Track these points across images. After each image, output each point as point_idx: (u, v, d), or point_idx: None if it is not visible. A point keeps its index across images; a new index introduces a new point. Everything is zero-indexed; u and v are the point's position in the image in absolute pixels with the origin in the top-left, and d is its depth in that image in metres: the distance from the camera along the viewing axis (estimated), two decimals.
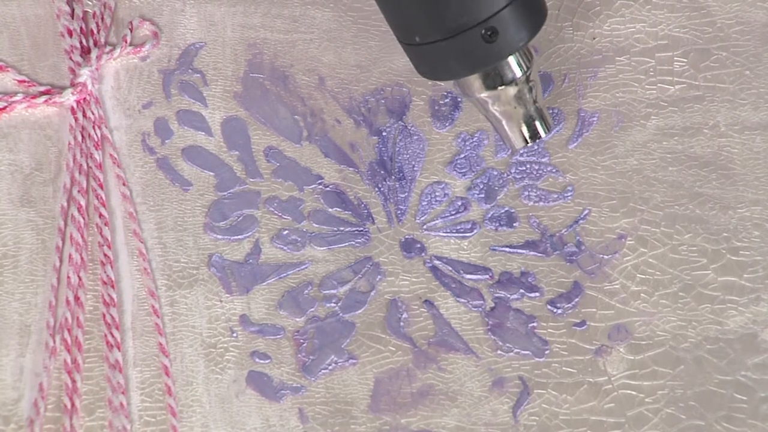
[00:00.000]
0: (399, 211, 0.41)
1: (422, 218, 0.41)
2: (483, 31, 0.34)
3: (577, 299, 0.39)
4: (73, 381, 0.38)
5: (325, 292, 0.40)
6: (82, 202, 0.41)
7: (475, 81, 0.36)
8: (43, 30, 0.45)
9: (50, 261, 0.40)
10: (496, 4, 0.34)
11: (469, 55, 0.35)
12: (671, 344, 0.38)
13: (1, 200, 0.41)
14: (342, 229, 0.41)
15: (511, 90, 0.36)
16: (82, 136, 0.42)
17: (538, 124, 0.38)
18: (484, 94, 0.37)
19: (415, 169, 0.41)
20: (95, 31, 0.45)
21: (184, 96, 0.43)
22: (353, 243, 0.40)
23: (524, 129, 0.38)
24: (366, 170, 0.42)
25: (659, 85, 0.43)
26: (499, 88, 0.36)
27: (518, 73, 0.36)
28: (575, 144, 0.42)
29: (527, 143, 0.38)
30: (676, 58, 0.43)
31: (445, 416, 0.37)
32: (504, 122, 0.38)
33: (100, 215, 0.41)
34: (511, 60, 0.36)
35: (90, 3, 0.45)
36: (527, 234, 0.40)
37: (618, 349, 0.38)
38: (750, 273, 0.39)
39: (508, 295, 0.39)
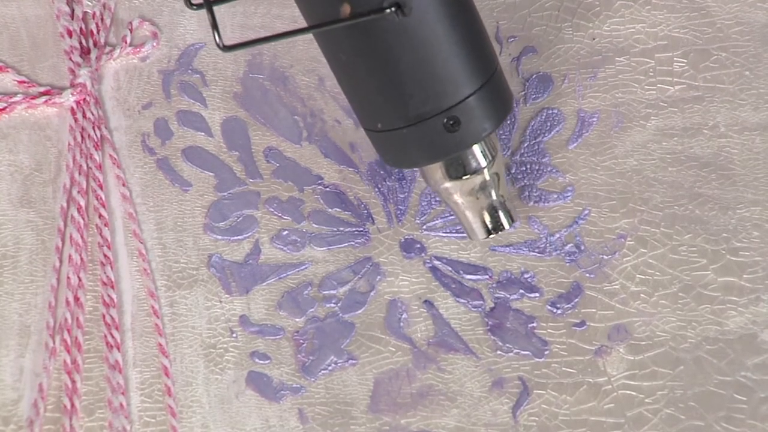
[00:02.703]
0: (399, 212, 0.41)
1: (422, 218, 0.41)
2: (445, 120, 0.33)
3: (576, 299, 0.39)
4: (73, 381, 0.38)
5: (324, 292, 0.40)
6: (82, 203, 0.41)
7: (437, 170, 0.35)
8: (42, 31, 0.45)
9: (50, 261, 0.40)
10: (460, 93, 0.33)
11: (431, 144, 0.34)
12: (671, 345, 0.38)
13: (0, 201, 0.41)
14: (342, 229, 0.41)
15: (475, 180, 0.35)
16: (82, 136, 0.42)
17: (501, 215, 0.37)
18: (447, 184, 0.36)
19: (414, 169, 0.41)
20: (95, 32, 0.45)
21: (184, 96, 0.43)
22: (353, 243, 0.40)
23: (487, 220, 0.37)
24: (366, 170, 0.42)
25: (659, 85, 0.43)
26: (463, 177, 0.35)
27: (483, 163, 0.35)
28: (575, 144, 0.42)
29: (489, 235, 0.37)
30: (675, 59, 0.43)
31: (445, 416, 0.37)
32: (467, 212, 0.37)
33: (100, 216, 0.41)
34: (476, 149, 0.35)
35: (90, 4, 0.45)
36: (527, 234, 0.40)
37: (618, 349, 0.38)
38: (750, 273, 0.39)
39: (508, 296, 0.39)
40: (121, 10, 0.46)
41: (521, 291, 0.39)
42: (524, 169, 0.41)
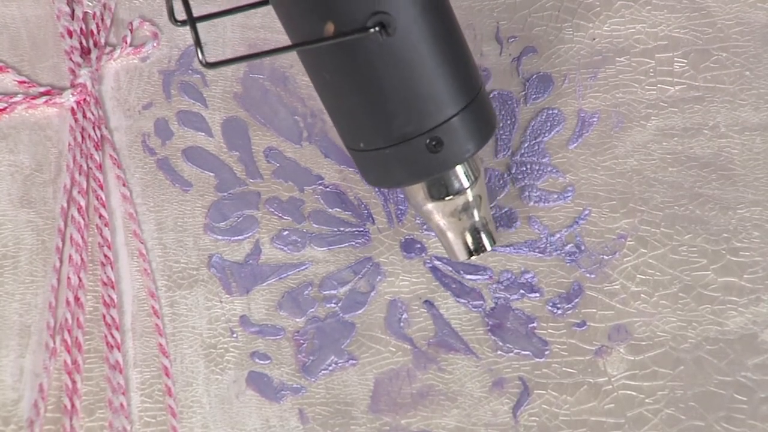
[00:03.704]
0: (399, 212, 0.41)
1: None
2: (427, 141, 0.33)
3: (577, 300, 0.39)
4: (73, 382, 0.38)
5: (325, 292, 0.40)
6: (82, 203, 0.41)
7: (419, 191, 0.35)
8: (43, 31, 0.45)
9: (50, 262, 0.40)
10: (443, 114, 0.33)
11: (413, 164, 0.34)
12: (671, 345, 0.38)
13: (1, 201, 0.41)
14: (342, 229, 0.41)
15: (458, 201, 0.35)
16: (82, 136, 0.42)
17: (483, 236, 0.37)
18: (429, 205, 0.36)
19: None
20: (95, 32, 0.45)
21: (184, 97, 0.43)
22: (353, 243, 0.40)
23: (469, 241, 0.37)
24: None
25: (659, 85, 0.43)
26: (446, 198, 0.35)
27: (465, 184, 0.35)
28: (575, 144, 0.42)
29: (471, 256, 0.37)
30: (676, 59, 0.43)
31: (445, 417, 0.37)
32: (448, 233, 0.37)
33: (100, 216, 0.41)
34: (459, 170, 0.35)
35: (90, 4, 0.45)
36: (527, 234, 0.40)
37: (618, 349, 0.38)
38: (750, 274, 0.39)
39: (509, 296, 0.39)
40: (121, 11, 0.46)
41: (521, 291, 0.39)
42: (524, 169, 0.41)
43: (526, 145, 0.42)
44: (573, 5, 0.45)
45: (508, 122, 0.42)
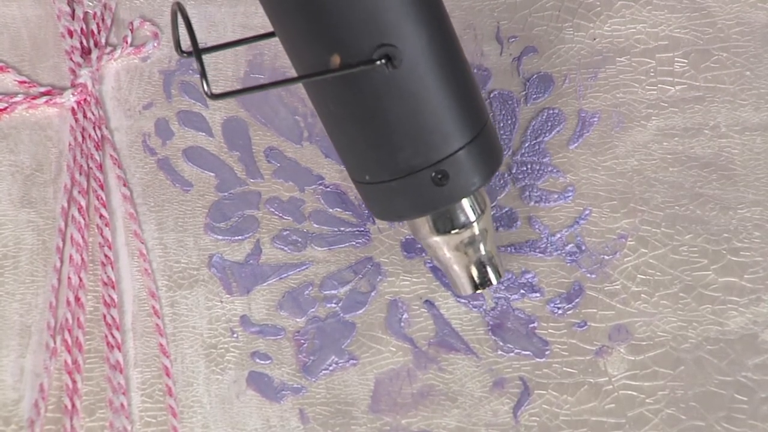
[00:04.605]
0: None
1: None
2: (433, 174, 0.32)
3: (577, 300, 0.39)
4: (74, 382, 0.38)
5: (325, 292, 0.40)
6: (83, 203, 0.41)
7: (425, 224, 0.35)
8: (43, 31, 0.45)
9: (51, 262, 0.40)
10: (449, 147, 0.32)
11: (419, 198, 0.33)
12: (672, 345, 0.38)
13: (1, 201, 0.41)
14: (343, 229, 0.41)
15: (463, 234, 0.35)
16: (83, 136, 0.42)
17: (489, 270, 0.36)
18: (434, 238, 0.35)
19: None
20: (96, 32, 0.45)
21: (185, 97, 0.43)
22: (354, 243, 0.40)
23: (475, 275, 0.36)
24: None
25: (660, 85, 0.43)
26: (451, 232, 0.35)
27: (471, 217, 0.35)
28: (576, 144, 0.42)
29: (476, 290, 0.36)
30: (676, 59, 0.43)
31: (446, 417, 0.37)
32: (454, 267, 0.36)
33: (101, 216, 0.41)
34: (465, 203, 0.34)
35: (90, 4, 0.45)
36: (528, 234, 0.40)
37: (618, 349, 0.38)
38: (750, 274, 0.39)
39: (509, 296, 0.39)
40: (121, 10, 0.46)
41: (522, 291, 0.39)
42: (525, 169, 0.41)
43: (526, 144, 0.42)
44: (573, 5, 0.45)
45: (509, 122, 0.42)
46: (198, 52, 0.31)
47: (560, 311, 0.39)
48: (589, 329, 0.38)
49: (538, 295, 0.39)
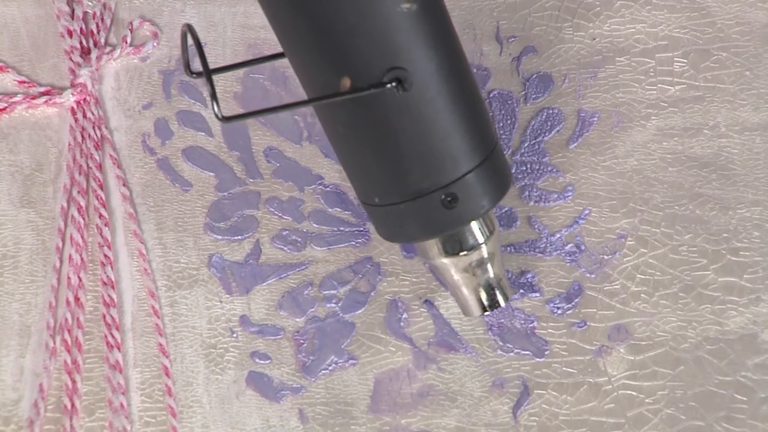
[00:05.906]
0: None
1: None
2: (443, 197, 0.32)
3: (577, 299, 0.39)
4: (74, 382, 0.38)
5: (325, 292, 0.40)
6: (82, 203, 0.41)
7: (433, 246, 0.35)
8: (43, 31, 0.45)
9: (50, 262, 0.40)
10: (459, 169, 0.32)
11: (428, 220, 0.33)
12: (671, 345, 0.38)
13: (1, 201, 0.41)
14: (342, 229, 0.41)
15: (472, 257, 0.35)
16: (82, 136, 0.42)
17: (498, 293, 0.36)
18: (443, 260, 0.35)
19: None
20: (95, 32, 0.45)
21: (185, 96, 0.43)
22: (353, 243, 0.40)
23: (483, 297, 0.36)
24: None
25: (659, 85, 0.43)
26: (460, 254, 0.35)
27: (480, 239, 0.35)
28: (575, 144, 0.42)
29: (485, 312, 0.36)
30: (676, 59, 0.43)
31: (445, 417, 0.37)
32: (462, 289, 0.36)
33: (100, 216, 0.41)
34: (473, 226, 0.34)
35: (90, 3, 0.45)
36: (528, 234, 0.40)
37: (618, 349, 0.38)
38: (750, 274, 0.39)
39: None
40: (121, 10, 0.46)
41: (522, 291, 0.39)
42: (524, 168, 0.41)
43: (526, 144, 0.42)
44: (573, 5, 0.45)
45: (508, 122, 0.42)
46: (209, 74, 0.30)
47: (560, 311, 0.39)
48: (588, 329, 0.38)
49: (537, 294, 0.39)
